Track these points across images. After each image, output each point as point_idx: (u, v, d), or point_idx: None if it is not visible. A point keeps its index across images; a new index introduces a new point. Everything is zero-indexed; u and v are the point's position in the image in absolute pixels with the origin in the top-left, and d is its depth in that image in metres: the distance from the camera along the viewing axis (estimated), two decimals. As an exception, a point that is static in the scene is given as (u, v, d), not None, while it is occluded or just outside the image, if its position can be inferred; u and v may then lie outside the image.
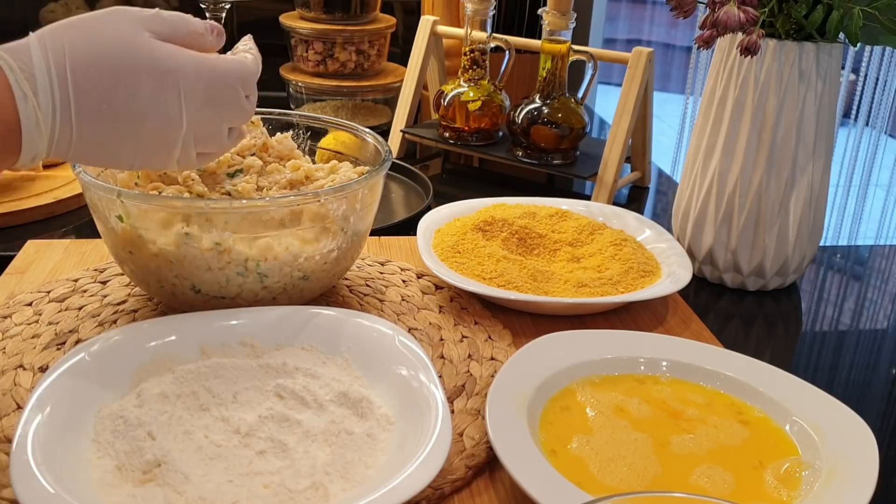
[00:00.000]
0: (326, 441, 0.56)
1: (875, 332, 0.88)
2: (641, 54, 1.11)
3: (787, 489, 0.55)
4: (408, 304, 0.78)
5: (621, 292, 0.78)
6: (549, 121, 1.14)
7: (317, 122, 0.83)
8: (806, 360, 0.82)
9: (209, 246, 0.65)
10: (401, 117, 1.28)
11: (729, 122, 0.86)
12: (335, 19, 1.41)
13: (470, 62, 1.21)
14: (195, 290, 0.68)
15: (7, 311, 0.73)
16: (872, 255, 1.09)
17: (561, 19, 1.09)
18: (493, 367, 0.69)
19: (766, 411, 0.63)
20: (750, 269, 0.89)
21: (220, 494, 0.51)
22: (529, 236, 0.86)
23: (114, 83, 0.52)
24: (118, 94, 0.52)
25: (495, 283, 0.78)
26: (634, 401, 0.63)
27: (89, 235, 0.94)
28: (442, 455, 0.52)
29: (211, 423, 0.56)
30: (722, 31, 0.77)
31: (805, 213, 0.87)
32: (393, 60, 1.53)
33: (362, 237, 0.75)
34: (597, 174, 1.12)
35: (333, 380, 0.61)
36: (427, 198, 1.08)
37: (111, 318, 0.73)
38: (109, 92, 0.52)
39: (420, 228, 0.86)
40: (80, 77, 0.51)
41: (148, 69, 0.53)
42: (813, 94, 0.83)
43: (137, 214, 0.66)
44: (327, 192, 0.69)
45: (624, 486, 0.55)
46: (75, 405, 0.55)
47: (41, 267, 0.82)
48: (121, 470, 0.52)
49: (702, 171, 0.89)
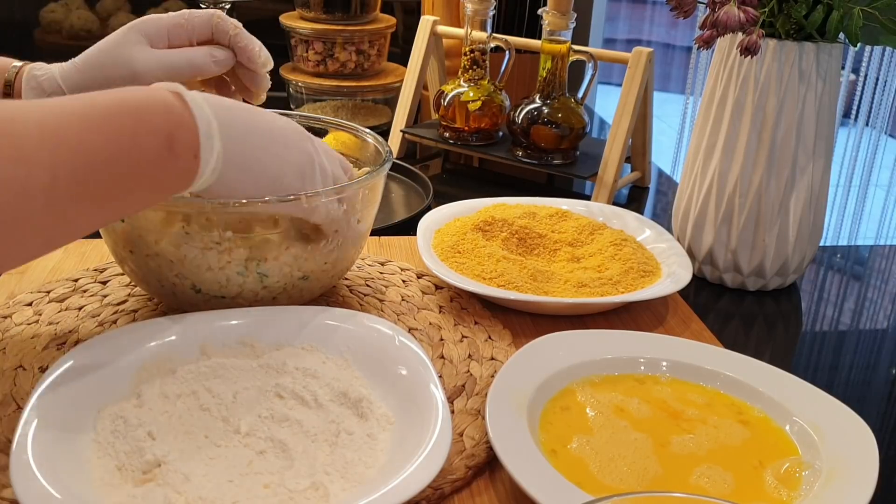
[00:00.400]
0: (326, 441, 0.56)
1: (875, 332, 0.88)
2: (641, 54, 1.11)
3: (787, 489, 0.55)
4: (408, 304, 0.78)
5: (621, 292, 0.78)
6: (549, 121, 1.14)
7: (317, 122, 0.83)
8: (806, 360, 0.82)
9: (209, 246, 0.65)
10: (401, 117, 1.28)
11: (729, 122, 0.86)
12: (335, 19, 1.41)
13: (470, 62, 1.21)
14: (195, 290, 0.68)
15: (7, 311, 0.73)
16: (872, 255, 1.09)
17: (561, 19, 1.09)
18: (493, 367, 0.69)
19: (766, 411, 0.63)
20: (750, 269, 0.89)
21: (220, 494, 0.51)
22: (529, 236, 0.86)
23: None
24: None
25: (495, 283, 0.78)
26: (634, 401, 0.63)
27: (89, 235, 0.94)
28: (442, 455, 0.52)
29: (211, 422, 0.56)
30: (722, 31, 0.77)
31: (805, 213, 0.87)
32: (393, 60, 1.53)
33: (362, 237, 0.75)
34: (597, 174, 1.12)
35: (333, 380, 0.61)
36: (427, 198, 1.08)
37: (111, 318, 0.73)
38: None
39: (420, 228, 0.86)
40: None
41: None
42: (813, 94, 0.83)
43: (138, 214, 0.66)
44: (328, 192, 0.69)
45: (624, 486, 0.55)
46: (75, 405, 0.55)
47: (41, 267, 0.82)
48: (121, 470, 0.52)
49: (702, 171, 0.89)
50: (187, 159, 0.55)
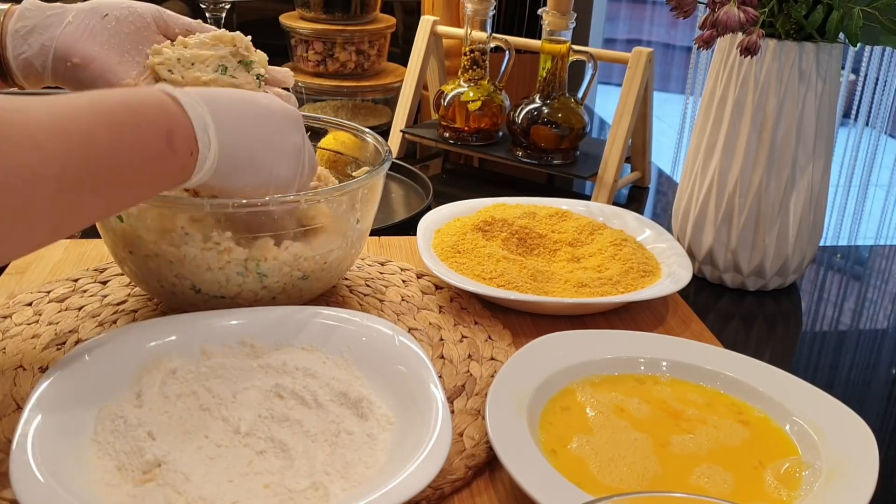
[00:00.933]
0: (326, 441, 0.56)
1: (875, 332, 0.88)
2: (641, 54, 1.11)
3: (787, 489, 0.55)
4: (408, 304, 0.78)
5: (621, 292, 0.78)
6: (549, 121, 1.14)
7: (317, 122, 0.83)
8: (806, 360, 0.82)
9: (209, 246, 0.65)
10: (401, 117, 1.28)
11: (729, 122, 0.86)
12: (335, 19, 1.41)
13: (470, 62, 1.21)
14: (195, 290, 0.68)
15: (7, 311, 0.73)
16: (872, 255, 1.09)
17: (561, 19, 1.09)
18: (493, 367, 0.69)
19: (766, 411, 0.63)
20: (750, 269, 0.89)
21: (220, 494, 0.51)
22: (529, 236, 0.86)
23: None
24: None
25: (495, 283, 0.78)
26: (634, 401, 0.63)
27: (89, 235, 0.94)
28: (442, 455, 0.52)
29: (211, 422, 0.56)
30: (722, 31, 0.77)
31: (805, 213, 0.87)
32: (393, 60, 1.53)
33: (362, 237, 0.75)
34: (597, 174, 1.12)
35: (333, 380, 0.61)
36: (427, 198, 1.08)
37: (111, 318, 0.73)
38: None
39: (420, 228, 0.86)
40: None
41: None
42: (813, 94, 0.83)
43: (137, 214, 0.66)
44: (327, 192, 0.69)
45: (624, 486, 0.55)
46: (75, 405, 0.55)
47: (41, 267, 0.82)
48: (121, 470, 0.52)
49: (702, 171, 0.89)
50: (185, 156, 0.57)
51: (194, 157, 0.58)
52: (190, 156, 0.57)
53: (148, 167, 0.55)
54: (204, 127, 0.58)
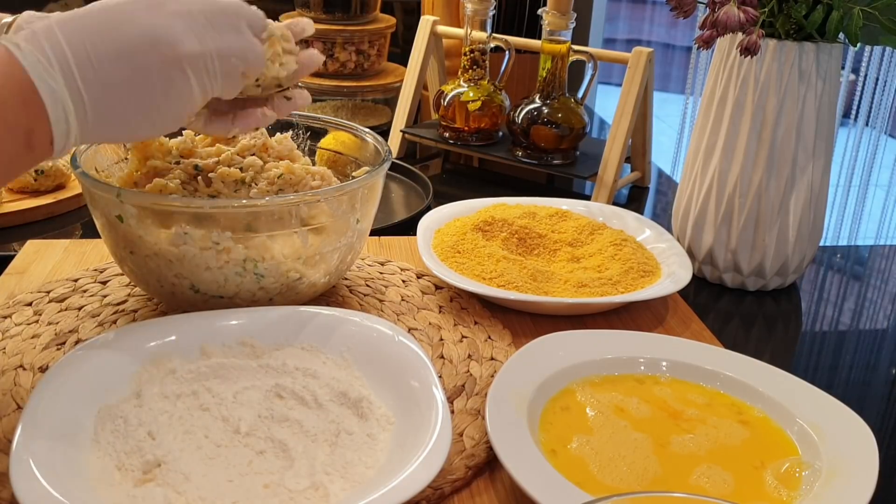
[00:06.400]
0: (326, 441, 0.56)
1: (875, 332, 0.88)
2: (641, 54, 1.11)
3: (787, 489, 0.55)
4: (408, 304, 0.78)
5: (621, 292, 0.78)
6: (549, 121, 1.14)
7: (317, 122, 0.83)
8: (806, 360, 0.82)
9: (208, 245, 0.65)
10: (401, 117, 1.28)
11: (729, 122, 0.86)
12: (335, 19, 1.41)
13: (470, 62, 1.21)
14: (194, 290, 0.68)
15: (7, 311, 0.73)
16: (872, 255, 1.09)
17: (561, 19, 1.09)
18: (493, 367, 0.69)
19: (766, 411, 0.63)
20: (750, 269, 0.89)
21: (219, 494, 0.51)
22: (529, 236, 0.86)
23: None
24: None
25: (495, 283, 0.78)
26: (634, 401, 0.63)
27: (89, 235, 0.94)
28: (442, 455, 0.52)
29: (211, 422, 0.56)
30: (722, 31, 0.77)
31: (805, 213, 0.87)
32: (393, 60, 1.53)
33: (362, 237, 0.75)
34: (597, 174, 1.12)
35: (333, 380, 0.61)
36: (427, 198, 1.08)
37: (111, 318, 0.73)
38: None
39: (420, 228, 0.86)
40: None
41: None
42: (813, 94, 0.83)
43: (137, 214, 0.66)
44: (327, 192, 0.69)
45: (624, 486, 0.55)
46: (75, 405, 0.55)
47: (41, 267, 0.82)
48: (121, 470, 0.52)
49: (702, 171, 0.89)
50: (43, 149, 0.53)
51: (52, 147, 0.53)
52: (49, 145, 0.52)
53: (1, 169, 0.51)
54: (64, 118, 0.51)
